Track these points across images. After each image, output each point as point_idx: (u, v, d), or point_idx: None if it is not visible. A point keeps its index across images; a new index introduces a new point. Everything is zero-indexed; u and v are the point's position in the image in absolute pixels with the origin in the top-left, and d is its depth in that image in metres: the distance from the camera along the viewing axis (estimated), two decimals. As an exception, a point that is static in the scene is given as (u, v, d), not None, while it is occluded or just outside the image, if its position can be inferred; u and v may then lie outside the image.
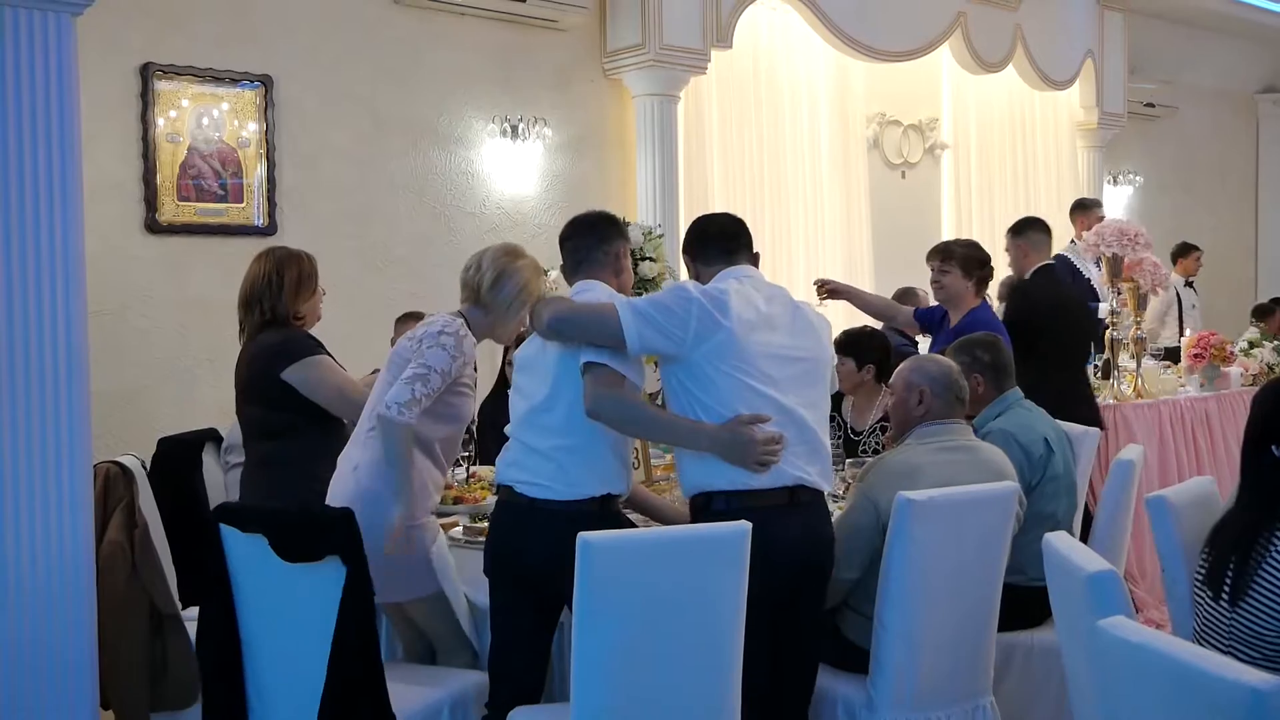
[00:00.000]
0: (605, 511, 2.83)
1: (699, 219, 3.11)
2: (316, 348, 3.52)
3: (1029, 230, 5.42)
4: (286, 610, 2.78)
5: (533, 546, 2.78)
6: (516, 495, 2.82)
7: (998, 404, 3.70)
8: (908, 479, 3.02)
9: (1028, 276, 5.33)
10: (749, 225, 3.07)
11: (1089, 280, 6.91)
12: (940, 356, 3.47)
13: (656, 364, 3.18)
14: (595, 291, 2.91)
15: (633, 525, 3.04)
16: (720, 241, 2.97)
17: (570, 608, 2.82)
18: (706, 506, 2.78)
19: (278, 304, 3.55)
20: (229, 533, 2.82)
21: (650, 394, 3.90)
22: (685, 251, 3.07)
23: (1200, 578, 2.42)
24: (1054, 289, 5.32)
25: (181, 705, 3.47)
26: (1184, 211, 10.97)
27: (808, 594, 2.84)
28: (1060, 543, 2.31)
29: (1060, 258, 7.23)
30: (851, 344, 4.50)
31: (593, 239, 2.99)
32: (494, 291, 3.17)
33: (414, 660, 3.29)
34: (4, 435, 2.88)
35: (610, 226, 3.04)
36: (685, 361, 2.75)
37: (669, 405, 2.87)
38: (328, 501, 3.13)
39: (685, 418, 2.79)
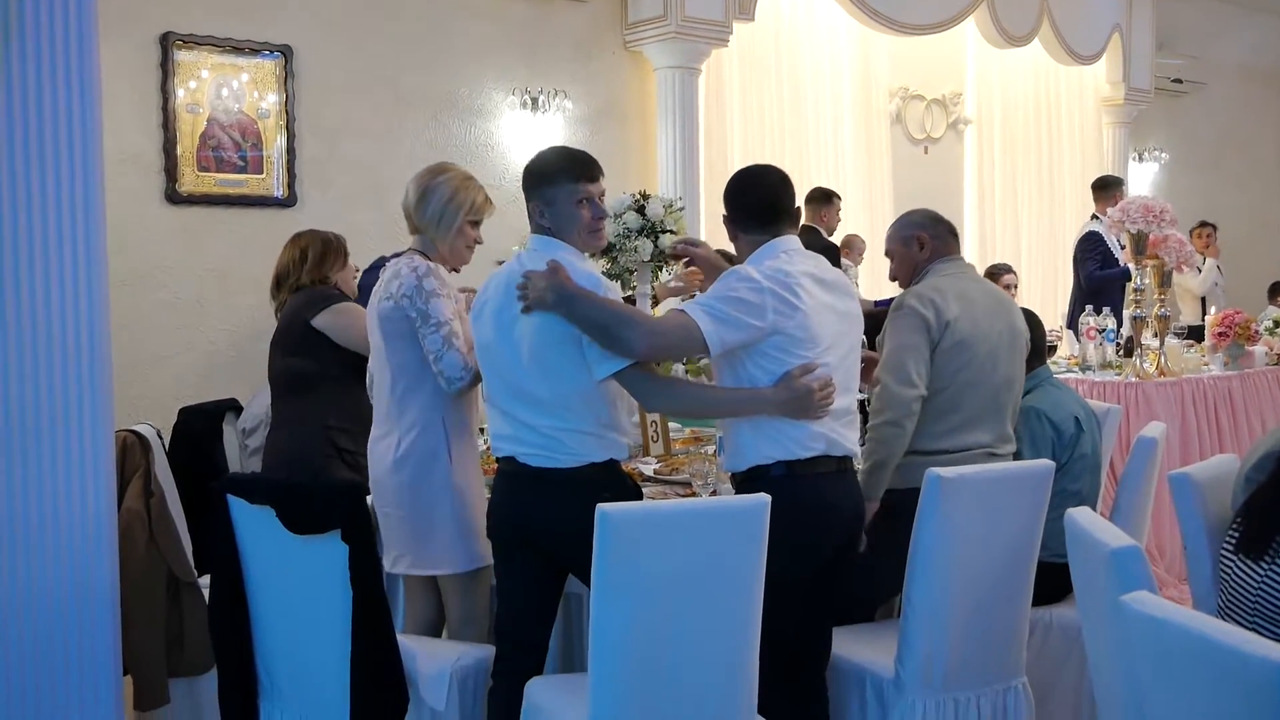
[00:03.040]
0: (610, 476, 2.82)
1: (743, 178, 2.95)
2: (343, 297, 3.69)
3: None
4: (294, 581, 2.78)
5: (541, 511, 2.77)
6: (519, 465, 2.79)
7: (1029, 380, 3.66)
8: (938, 294, 3.22)
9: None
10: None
11: (1118, 257, 6.86)
12: (914, 209, 3.60)
13: None
14: (559, 255, 2.75)
15: (639, 488, 3.04)
16: (761, 214, 2.86)
17: (576, 574, 2.84)
18: (765, 476, 2.76)
19: (301, 275, 3.74)
20: (237, 504, 2.82)
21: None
22: (725, 205, 2.94)
23: (1230, 546, 2.39)
24: None
25: (199, 671, 3.50)
26: (1211, 189, 10.86)
27: (845, 561, 2.89)
28: (1083, 518, 2.28)
29: (1093, 234, 7.19)
30: None
31: (525, 193, 2.85)
32: (420, 210, 3.15)
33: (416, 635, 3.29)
34: (28, 405, 2.88)
35: (527, 177, 2.84)
36: (763, 350, 2.71)
37: (724, 384, 2.85)
38: (371, 480, 3.16)
39: (741, 388, 2.77)
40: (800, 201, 6.66)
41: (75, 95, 2.94)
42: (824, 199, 7.29)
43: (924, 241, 3.41)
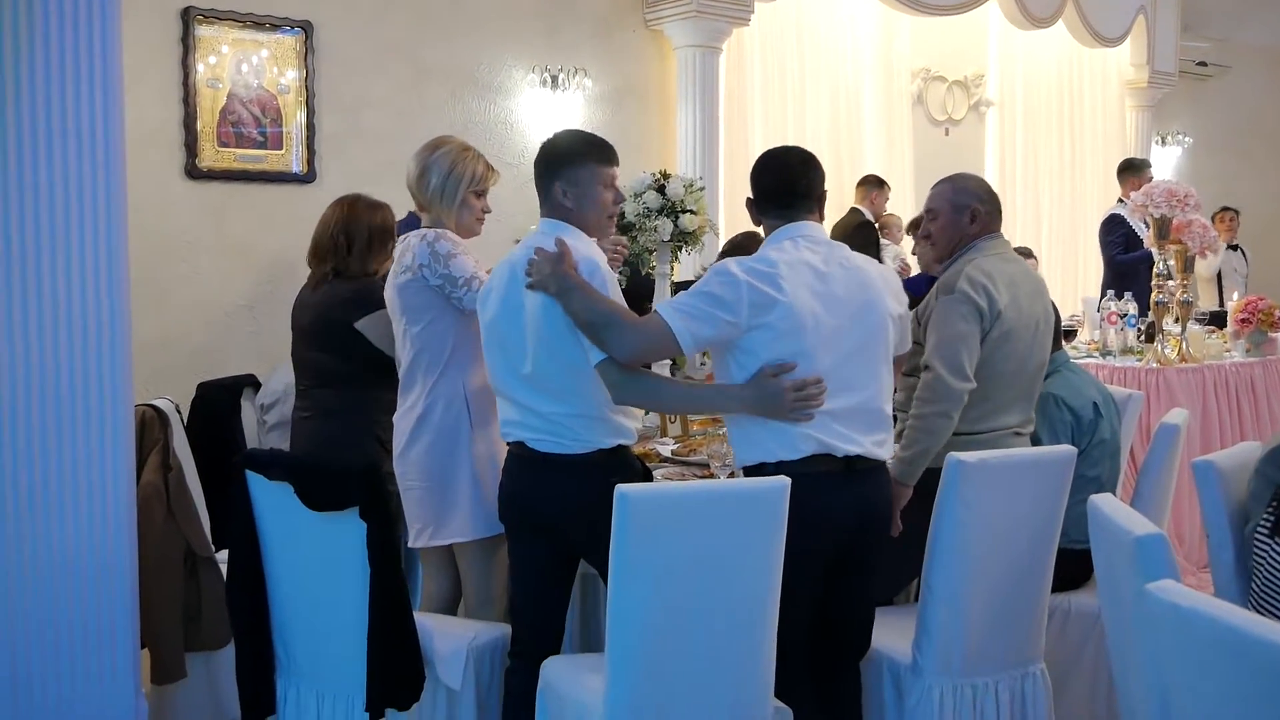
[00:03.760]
0: (619, 460, 2.80)
1: (762, 160, 2.88)
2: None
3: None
4: (312, 558, 2.79)
5: (549, 496, 2.77)
6: (528, 450, 2.79)
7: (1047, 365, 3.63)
8: (988, 280, 3.11)
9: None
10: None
11: (1142, 240, 6.82)
12: (967, 173, 3.46)
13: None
14: (573, 237, 2.75)
15: (649, 470, 3.03)
16: (776, 197, 2.79)
17: (587, 558, 2.85)
18: (758, 474, 2.70)
19: (344, 265, 3.54)
20: (255, 480, 2.82)
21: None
22: (750, 187, 2.90)
23: (1265, 530, 2.37)
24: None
25: (216, 645, 3.51)
26: (1234, 174, 10.77)
27: (857, 559, 2.77)
28: (1106, 505, 2.25)
29: (1116, 218, 7.14)
30: None
31: (545, 173, 2.81)
32: (422, 187, 3.15)
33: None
34: (48, 378, 2.89)
35: (548, 157, 2.81)
36: (744, 347, 2.63)
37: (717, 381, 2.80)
38: (395, 456, 3.16)
39: (711, 385, 2.75)
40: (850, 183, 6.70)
41: (97, 70, 2.94)
42: (876, 184, 7.89)
43: (977, 214, 3.27)
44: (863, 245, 6.60)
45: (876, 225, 7.76)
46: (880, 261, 6.10)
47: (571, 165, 2.79)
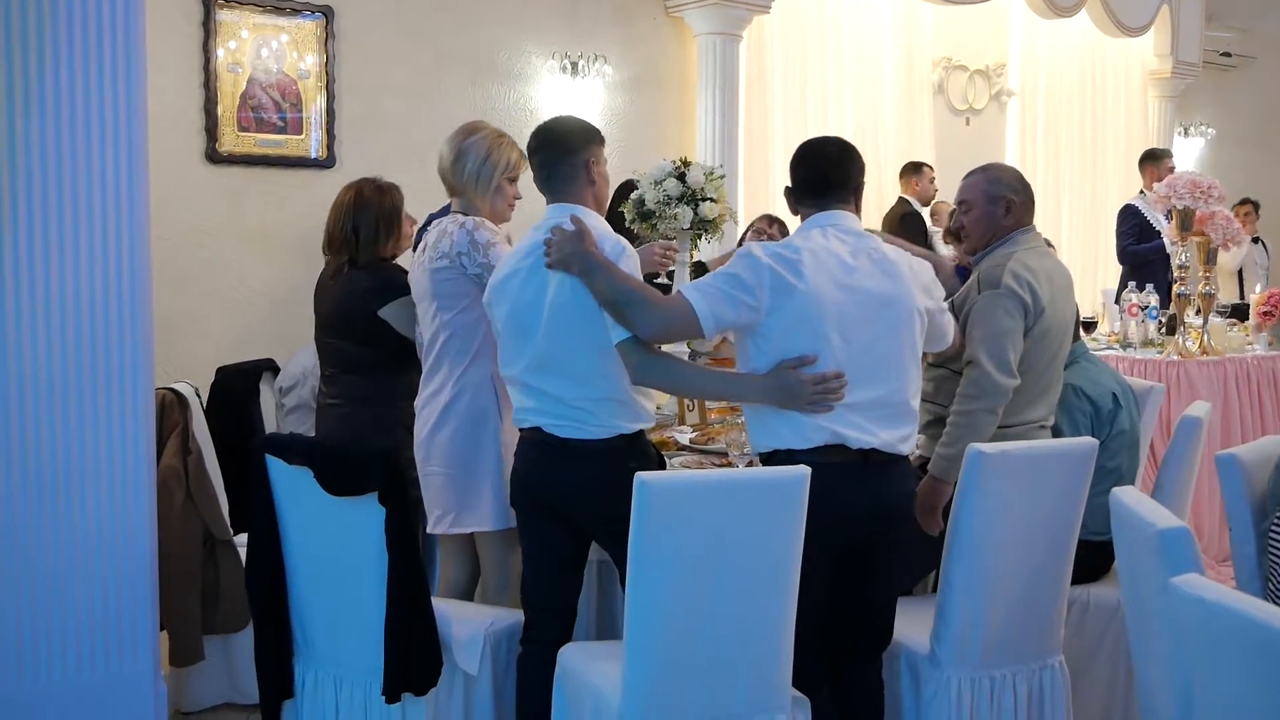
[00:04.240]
0: (635, 446, 2.81)
1: (800, 150, 2.88)
2: (408, 284, 3.47)
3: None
4: (331, 542, 2.80)
5: (568, 481, 2.77)
6: (546, 434, 2.79)
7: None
8: (1032, 276, 3.11)
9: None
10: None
11: (1159, 232, 6.76)
12: (1000, 164, 3.44)
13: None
14: (590, 220, 2.77)
15: (663, 457, 3.02)
16: (811, 186, 2.79)
17: (600, 542, 2.87)
18: (772, 462, 2.70)
19: (356, 255, 3.50)
20: (275, 464, 2.83)
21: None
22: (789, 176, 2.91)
23: None
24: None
25: (234, 629, 3.53)
26: (1257, 165, 10.67)
27: (873, 553, 2.75)
28: (1128, 497, 2.24)
29: (1130, 208, 7.09)
30: None
31: (559, 151, 2.83)
32: (457, 172, 3.17)
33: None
34: (70, 361, 2.91)
35: (575, 136, 2.85)
36: (762, 332, 2.63)
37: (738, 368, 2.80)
38: (417, 442, 3.16)
39: (730, 371, 2.74)
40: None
41: (120, 54, 2.95)
42: (912, 170, 7.75)
43: (1012, 206, 3.25)
44: (911, 235, 6.54)
45: (925, 211, 7.69)
46: (931, 249, 6.03)
47: (597, 143, 2.87)
